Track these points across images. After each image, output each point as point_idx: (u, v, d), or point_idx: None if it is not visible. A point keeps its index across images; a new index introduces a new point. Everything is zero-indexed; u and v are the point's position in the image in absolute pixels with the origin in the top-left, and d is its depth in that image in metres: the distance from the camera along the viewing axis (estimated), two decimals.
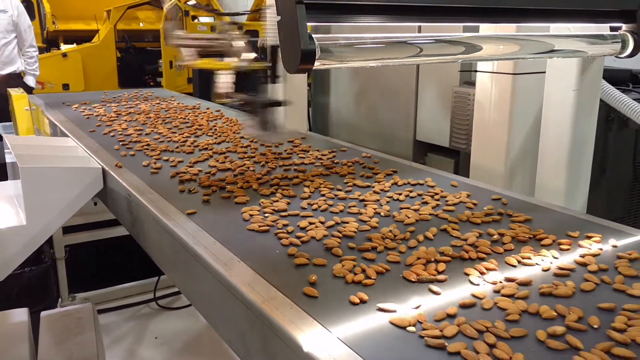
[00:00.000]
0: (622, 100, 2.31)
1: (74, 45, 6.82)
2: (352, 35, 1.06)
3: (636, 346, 0.81)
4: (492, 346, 0.81)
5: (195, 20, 6.70)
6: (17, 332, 2.12)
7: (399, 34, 1.15)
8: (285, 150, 1.99)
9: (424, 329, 0.85)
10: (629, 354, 0.79)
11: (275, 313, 0.90)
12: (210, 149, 2.01)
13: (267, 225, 1.26)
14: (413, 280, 1.00)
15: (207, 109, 2.92)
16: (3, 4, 4.62)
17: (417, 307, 0.91)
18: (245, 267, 1.07)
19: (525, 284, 0.99)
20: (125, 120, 2.56)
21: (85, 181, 1.75)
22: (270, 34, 1.47)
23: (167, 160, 1.87)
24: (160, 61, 6.63)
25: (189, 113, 2.80)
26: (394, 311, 0.90)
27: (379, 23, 1.09)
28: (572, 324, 0.86)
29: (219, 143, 2.13)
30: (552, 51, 1.35)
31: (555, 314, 0.89)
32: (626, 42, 1.43)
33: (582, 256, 1.11)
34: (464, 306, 0.92)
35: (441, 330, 0.84)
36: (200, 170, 1.73)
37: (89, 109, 2.88)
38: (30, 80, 4.81)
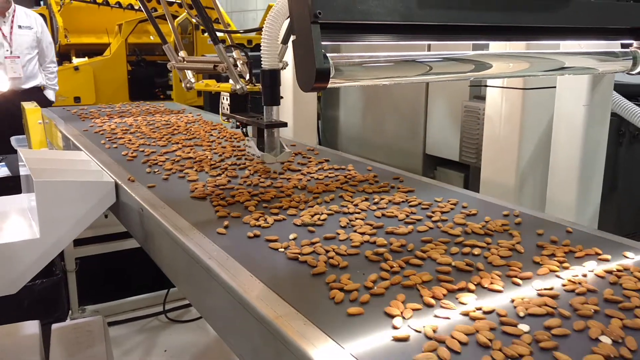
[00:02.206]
0: (632, 111, 2.30)
1: (86, 58, 6.90)
2: (364, 54, 1.08)
3: None
4: None
5: (206, 34, 6.76)
6: (28, 344, 2.13)
7: (409, 53, 1.17)
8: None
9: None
10: None
11: (288, 328, 0.90)
12: (181, 143, 2.35)
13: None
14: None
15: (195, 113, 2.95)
16: (28, 20, 4.75)
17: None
18: (258, 282, 1.07)
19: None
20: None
21: (98, 195, 1.77)
22: (265, 57, 1.47)
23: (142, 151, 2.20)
24: (171, 74, 6.70)
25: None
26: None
27: (391, 42, 1.10)
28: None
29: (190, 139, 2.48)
30: (563, 68, 1.36)
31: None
32: (637, 58, 1.44)
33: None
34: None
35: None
36: (167, 158, 2.08)
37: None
38: (50, 94, 4.94)
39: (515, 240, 1.26)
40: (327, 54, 0.96)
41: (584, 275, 1.09)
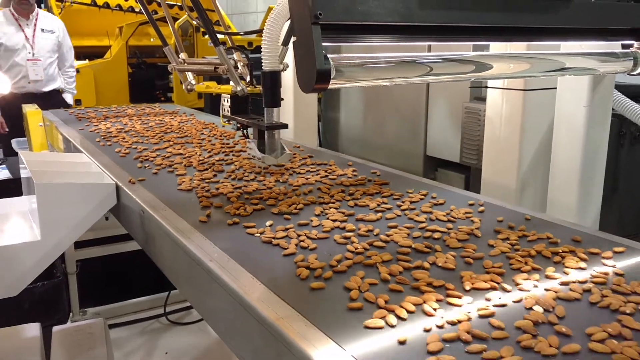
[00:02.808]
0: (634, 111, 2.30)
1: (86, 61, 6.90)
2: (365, 55, 1.08)
3: None
4: None
5: (206, 36, 6.77)
6: (29, 347, 2.13)
7: (410, 54, 1.16)
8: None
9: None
10: None
11: (289, 330, 0.90)
12: (172, 141, 2.44)
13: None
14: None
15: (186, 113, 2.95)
16: (51, 25, 4.82)
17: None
18: (259, 283, 1.07)
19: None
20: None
21: (99, 197, 1.77)
22: (266, 59, 1.47)
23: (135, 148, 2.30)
24: (171, 76, 6.70)
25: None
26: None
27: (391, 43, 1.10)
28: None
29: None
30: (563, 69, 1.35)
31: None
32: (638, 59, 1.44)
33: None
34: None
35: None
36: (158, 154, 2.18)
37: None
38: (69, 98, 5.01)
39: (474, 226, 1.35)
40: (328, 55, 0.96)
41: (531, 256, 1.18)
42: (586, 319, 0.93)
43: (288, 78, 3.00)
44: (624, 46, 1.47)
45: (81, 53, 7.40)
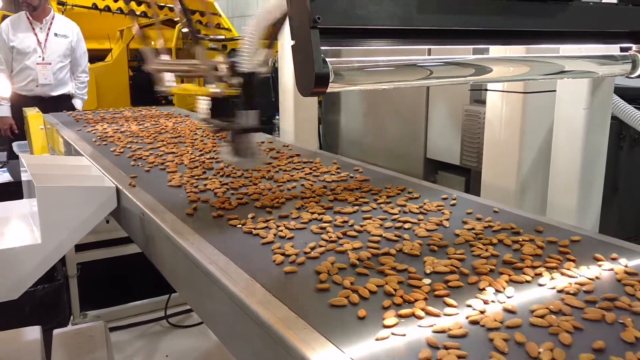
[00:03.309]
0: (632, 115, 2.30)
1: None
2: (364, 59, 1.08)
3: None
4: None
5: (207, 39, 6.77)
6: (29, 350, 2.13)
7: (410, 57, 1.17)
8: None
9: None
10: None
11: (288, 333, 0.90)
12: (166, 141, 2.52)
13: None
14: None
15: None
16: (65, 29, 4.81)
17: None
18: (259, 286, 1.07)
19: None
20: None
21: (99, 200, 1.77)
22: (244, 60, 1.45)
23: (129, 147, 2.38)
24: None
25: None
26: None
27: (390, 46, 1.10)
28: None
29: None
30: (562, 72, 1.36)
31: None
32: (636, 62, 1.44)
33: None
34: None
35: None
36: (151, 153, 2.27)
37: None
38: (77, 104, 4.96)
39: (444, 217, 1.44)
40: (327, 59, 0.96)
41: (493, 244, 1.26)
42: (534, 299, 1.02)
43: (288, 81, 3.01)
44: (622, 49, 1.47)
45: None
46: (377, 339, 0.88)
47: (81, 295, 3.16)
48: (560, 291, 1.05)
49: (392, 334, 0.89)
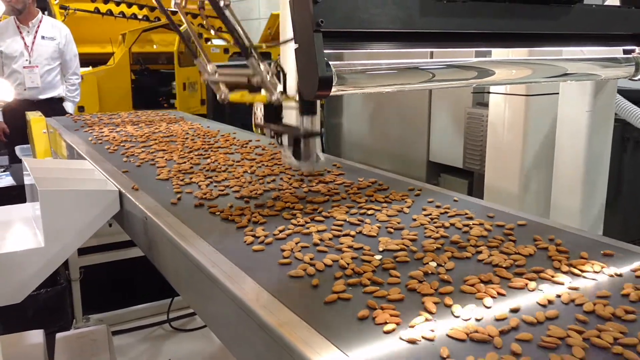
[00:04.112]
0: (637, 115, 2.30)
1: (90, 67, 6.93)
2: (367, 62, 1.08)
3: None
4: None
5: (209, 43, 6.79)
6: (32, 353, 2.13)
7: (412, 60, 1.17)
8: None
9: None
10: None
11: (291, 335, 0.90)
12: (159, 140, 2.65)
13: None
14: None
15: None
16: (52, 31, 4.78)
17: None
18: (262, 289, 1.07)
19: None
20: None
21: (102, 204, 1.77)
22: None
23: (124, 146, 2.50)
24: (174, 83, 6.71)
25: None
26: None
27: (393, 49, 1.10)
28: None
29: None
30: (565, 75, 1.36)
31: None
32: (639, 64, 1.44)
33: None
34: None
35: None
36: (143, 150, 2.41)
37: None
38: (69, 107, 4.93)
39: (406, 205, 1.58)
40: (330, 62, 0.96)
41: (445, 227, 1.39)
42: (470, 271, 1.14)
43: (291, 84, 3.00)
44: (625, 51, 1.47)
45: (84, 60, 7.42)
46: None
47: (84, 299, 3.16)
48: (495, 265, 1.17)
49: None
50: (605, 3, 1.42)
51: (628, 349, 0.86)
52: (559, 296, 1.03)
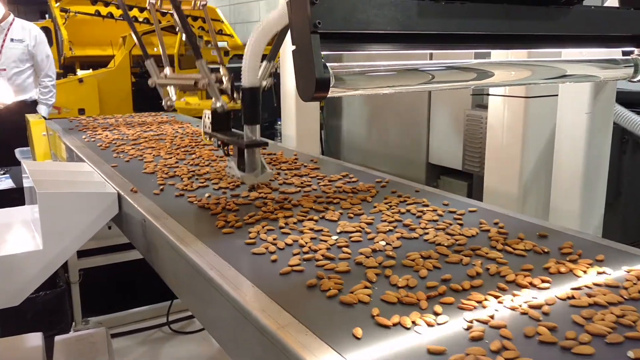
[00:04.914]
0: (634, 121, 2.30)
1: (90, 70, 6.93)
2: (365, 64, 1.08)
3: None
4: None
5: (209, 45, 6.79)
6: (31, 356, 2.13)
7: (411, 62, 1.17)
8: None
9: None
10: None
11: (289, 339, 0.90)
12: (149, 137, 2.78)
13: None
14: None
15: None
16: (21, 33, 4.70)
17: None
18: (260, 292, 1.07)
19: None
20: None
21: (101, 206, 1.77)
22: (246, 75, 1.44)
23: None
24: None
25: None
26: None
27: (392, 51, 1.10)
28: None
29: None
30: (564, 76, 1.35)
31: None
32: (638, 66, 1.44)
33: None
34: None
35: None
36: (132, 147, 2.54)
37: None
38: (42, 110, 4.80)
39: (369, 194, 1.70)
40: (327, 64, 0.96)
41: (402, 213, 1.51)
42: (414, 249, 1.25)
43: (290, 87, 3.01)
44: (624, 53, 1.47)
45: (85, 63, 7.45)
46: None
47: (83, 302, 3.16)
48: (438, 245, 1.28)
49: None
50: (604, 4, 1.42)
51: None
52: (487, 269, 1.14)
